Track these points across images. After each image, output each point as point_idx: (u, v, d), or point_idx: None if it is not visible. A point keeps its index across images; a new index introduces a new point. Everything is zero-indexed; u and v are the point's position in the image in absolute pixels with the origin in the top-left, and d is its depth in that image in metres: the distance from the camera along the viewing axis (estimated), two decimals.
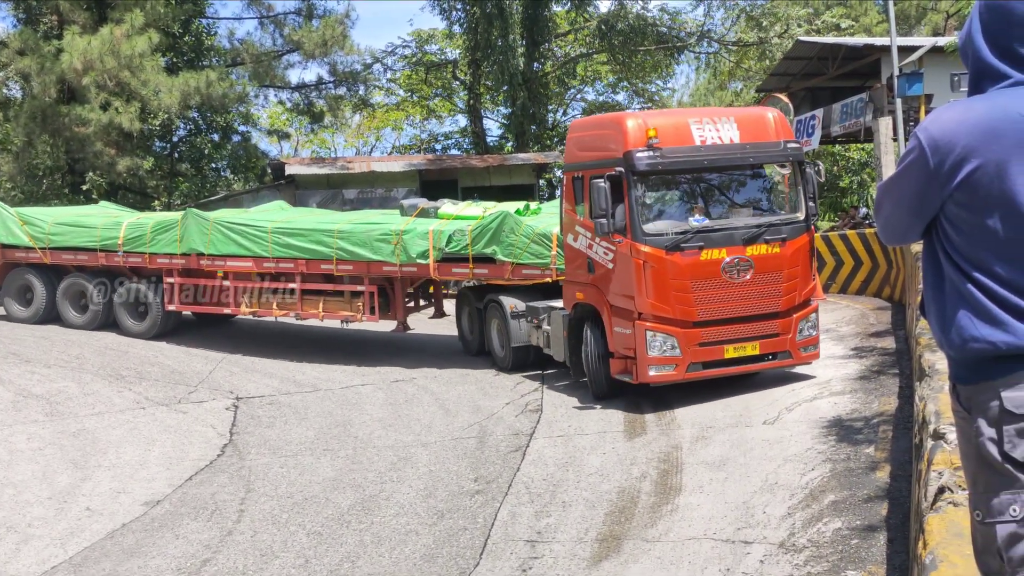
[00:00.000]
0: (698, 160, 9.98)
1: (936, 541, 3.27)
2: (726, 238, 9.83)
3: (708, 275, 9.69)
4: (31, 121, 25.27)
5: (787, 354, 10.05)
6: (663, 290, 9.65)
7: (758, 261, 9.82)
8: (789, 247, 10.00)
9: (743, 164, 10.36)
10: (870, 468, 7.08)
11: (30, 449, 9.77)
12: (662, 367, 9.72)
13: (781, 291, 9.94)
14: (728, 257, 9.71)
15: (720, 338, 9.80)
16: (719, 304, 9.75)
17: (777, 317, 9.94)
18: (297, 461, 9.35)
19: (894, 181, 2.43)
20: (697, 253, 9.68)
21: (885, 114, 21.28)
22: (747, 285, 9.80)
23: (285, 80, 32.30)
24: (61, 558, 7.04)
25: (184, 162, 33.39)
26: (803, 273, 10.12)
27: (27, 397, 11.73)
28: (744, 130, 10.10)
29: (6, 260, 16.62)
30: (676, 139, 9.86)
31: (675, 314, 9.66)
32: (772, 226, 10.01)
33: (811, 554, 5.79)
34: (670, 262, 9.63)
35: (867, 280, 15.93)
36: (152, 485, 8.72)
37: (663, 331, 9.64)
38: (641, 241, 9.68)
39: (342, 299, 14.03)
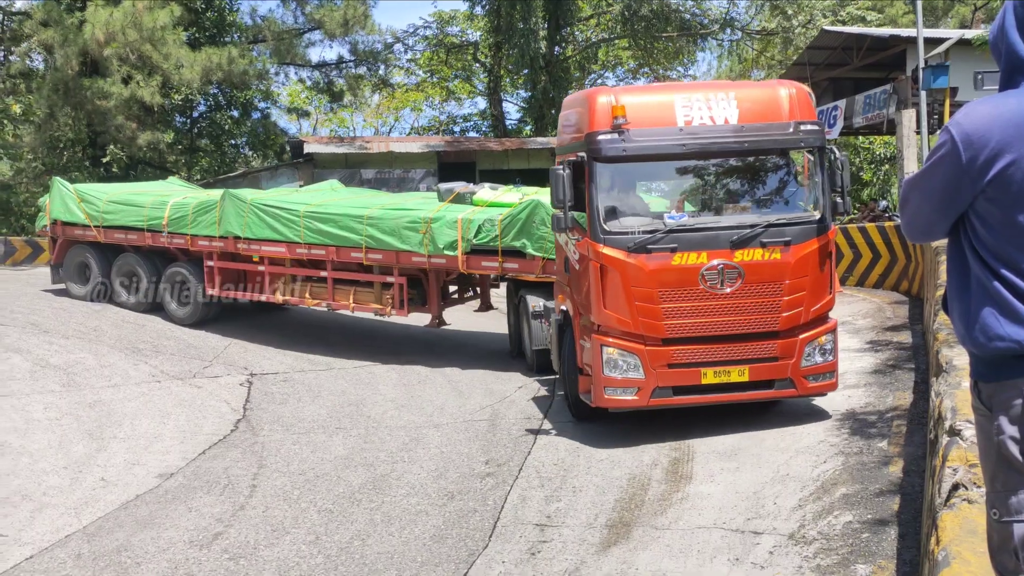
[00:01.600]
0: (674, 145, 8.20)
1: (949, 538, 3.26)
2: (708, 240, 8.15)
3: (682, 283, 8.09)
4: (53, 93, 25.41)
5: (788, 383, 8.30)
6: (624, 299, 8.12)
7: (749, 268, 8.10)
8: (794, 252, 8.18)
9: (736, 151, 8.46)
10: (883, 462, 7.05)
11: (47, 419, 9.86)
12: (621, 390, 8.21)
13: (780, 305, 8.15)
14: (709, 262, 8.06)
15: (696, 359, 8.18)
16: (696, 319, 8.12)
17: (775, 337, 8.23)
18: (310, 439, 9.41)
19: (923, 176, 2.40)
20: (668, 257, 8.07)
21: (909, 106, 21.11)
22: (734, 297, 8.11)
23: (306, 58, 32.33)
24: (75, 527, 7.12)
25: (204, 138, 33.50)
26: (814, 284, 8.29)
27: (44, 367, 11.84)
28: (745, 109, 8.26)
29: (66, 237, 16.41)
30: (653, 119, 8.24)
31: (638, 328, 8.12)
32: (771, 226, 8.21)
33: (821, 546, 5.78)
34: (633, 266, 8.06)
35: (885, 274, 15.84)
36: (166, 458, 8.79)
37: (622, 348, 8.15)
38: (599, 240, 8.18)
39: (372, 290, 12.99)
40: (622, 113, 8.06)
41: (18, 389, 10.89)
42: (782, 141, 8.40)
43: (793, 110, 8.36)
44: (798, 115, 8.35)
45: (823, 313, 8.46)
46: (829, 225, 8.45)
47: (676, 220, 8.33)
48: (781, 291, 8.18)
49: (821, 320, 8.45)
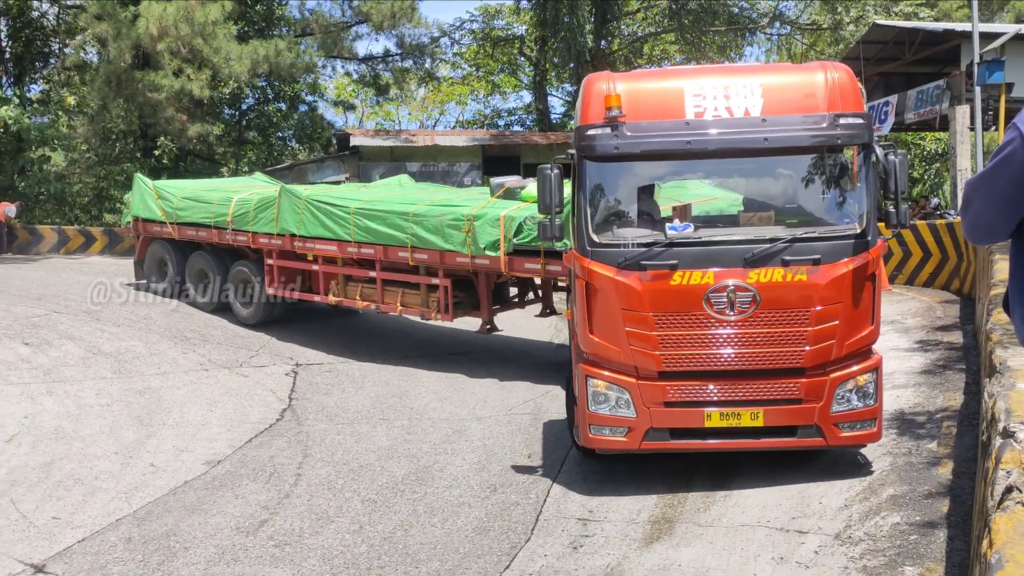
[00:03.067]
0: (678, 143, 6.82)
1: (1003, 540, 3.20)
2: (717, 256, 6.80)
3: (683, 307, 6.78)
4: (106, 85, 25.87)
5: (814, 431, 6.89)
6: (613, 324, 6.91)
7: (767, 292, 6.71)
8: (825, 273, 6.71)
9: (755, 149, 6.91)
10: (932, 463, 6.94)
11: (98, 405, 10.07)
12: (608, 430, 7.08)
13: (806, 337, 6.74)
14: (717, 283, 6.71)
15: (699, 398, 6.90)
16: (699, 350, 6.82)
17: (798, 376, 6.83)
18: (353, 429, 9.49)
19: (988, 176, 2.34)
20: (667, 275, 6.76)
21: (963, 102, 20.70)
22: (746, 326, 6.75)
23: (352, 51, 32.60)
24: (126, 511, 7.27)
25: (252, 130, 33.95)
26: (850, 313, 6.79)
27: (96, 354, 12.09)
28: (772, 99, 6.83)
29: (147, 234, 16.44)
30: (657, 110, 6.90)
31: (629, 358, 6.90)
32: (796, 241, 6.78)
33: (867, 547, 5.71)
34: (624, 285, 6.81)
35: (935, 272, 15.55)
36: (214, 445, 8.93)
37: (611, 380, 6.99)
38: (586, 253, 6.98)
39: (419, 293, 12.14)
40: (617, 103, 6.79)
41: (71, 375, 11.14)
42: (814, 138, 6.79)
43: (833, 99, 6.78)
44: (839, 105, 6.76)
45: (863, 347, 6.93)
46: (873, 240, 6.82)
47: (678, 231, 6.99)
48: (807, 320, 6.71)
49: (860, 356, 6.94)
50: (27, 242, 25.42)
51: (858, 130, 6.79)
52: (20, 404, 9.93)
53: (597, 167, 7.10)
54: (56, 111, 31.27)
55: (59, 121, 30.85)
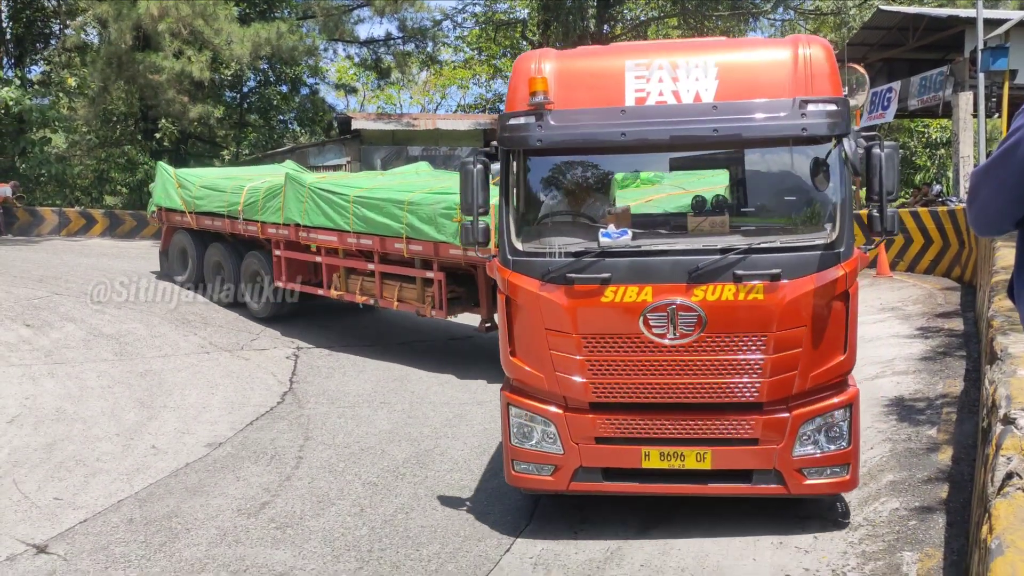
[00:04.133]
0: (611, 134, 5.71)
1: (1003, 526, 3.21)
2: (657, 268, 5.69)
3: (616, 328, 5.73)
4: (107, 67, 25.80)
5: (773, 476, 5.83)
6: (536, 345, 5.92)
7: (715, 312, 5.59)
8: (787, 291, 5.54)
9: (703, 141, 5.78)
10: (931, 450, 6.96)
11: (100, 386, 10.09)
12: (534, 467, 6.15)
13: (762, 366, 5.62)
14: (656, 300, 5.63)
15: (636, 434, 5.89)
16: (635, 378, 5.78)
17: (754, 411, 5.75)
18: (355, 412, 9.51)
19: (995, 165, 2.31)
20: (598, 290, 5.72)
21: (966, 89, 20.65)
22: (691, 351, 5.66)
23: (354, 35, 32.47)
24: (127, 492, 7.29)
25: (253, 113, 33.88)
26: (817, 338, 5.64)
27: (98, 336, 12.10)
28: (728, 80, 5.69)
29: (169, 223, 16.14)
30: (592, 95, 5.83)
31: (555, 386, 5.91)
32: (752, 252, 5.62)
33: (867, 532, 5.74)
34: (547, 301, 5.79)
35: (936, 259, 15.56)
36: (215, 428, 8.95)
37: (535, 411, 6.04)
38: (507, 263, 5.98)
39: (415, 287, 11.37)
40: (542, 88, 5.73)
41: (73, 357, 11.16)
42: (773, 128, 5.58)
43: (802, 81, 5.59)
44: (809, 88, 5.57)
45: (834, 379, 5.77)
46: (848, 252, 5.62)
47: (613, 239, 5.82)
48: (763, 346, 5.58)
49: (831, 389, 5.80)
50: (28, 224, 25.42)
51: (829, 118, 5.48)
52: (21, 385, 9.95)
53: (521, 162, 6.12)
54: (57, 92, 31.21)
55: (60, 102, 30.80)
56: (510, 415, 6.15)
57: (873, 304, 13.01)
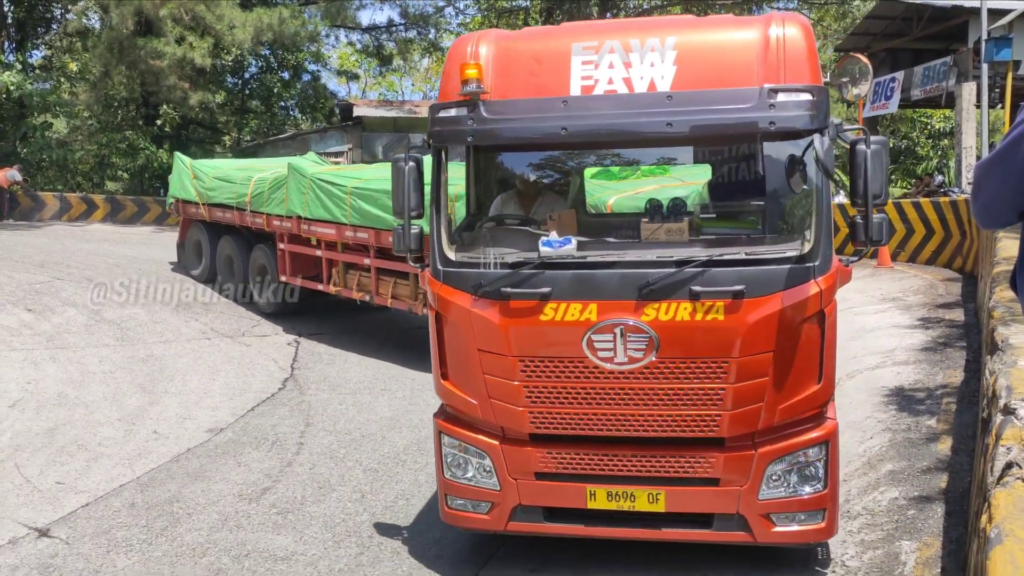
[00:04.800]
0: (550, 128, 4.99)
1: (1002, 516, 3.23)
2: (603, 282, 4.95)
3: (557, 350, 5.00)
4: (108, 52, 25.73)
5: (736, 522, 5.08)
6: (468, 368, 5.22)
7: (669, 333, 4.84)
8: (751, 310, 4.78)
9: (654, 136, 5.05)
10: (930, 439, 6.98)
11: (101, 371, 10.11)
12: (469, 503, 5.44)
13: (723, 397, 4.88)
14: (602, 320, 4.88)
15: (580, 470, 5.19)
16: (580, 407, 5.04)
17: (714, 447, 5.03)
18: (356, 399, 9.53)
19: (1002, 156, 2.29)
20: (537, 307, 4.97)
21: (969, 79, 20.58)
22: (642, 377, 4.92)
23: (356, 21, 32.39)
24: (129, 477, 7.32)
25: (254, 99, 33.80)
26: (786, 364, 4.88)
27: (99, 321, 12.12)
28: (687, 66, 4.91)
29: (185, 215, 15.80)
30: (533, 83, 5.09)
31: (490, 415, 5.20)
32: (711, 265, 4.86)
33: (865, 522, 5.76)
34: (481, 319, 5.08)
35: (938, 250, 15.55)
36: (216, 413, 8.97)
37: (469, 440, 5.35)
38: (437, 274, 5.27)
39: (408, 283, 10.87)
40: (476, 75, 5.01)
41: (74, 342, 11.17)
42: (734, 122, 4.82)
43: (773, 66, 4.81)
44: (781, 75, 4.80)
45: (807, 412, 5.00)
46: (824, 265, 4.82)
47: (554, 248, 5.08)
48: (724, 373, 4.83)
49: (804, 424, 5.03)
50: (29, 209, 25.41)
51: (802, 110, 4.69)
52: (23, 370, 9.97)
53: (447, 158, 5.42)
54: (58, 77, 31.13)
55: (61, 87, 30.73)
56: (442, 445, 5.45)
57: (874, 294, 13.02)
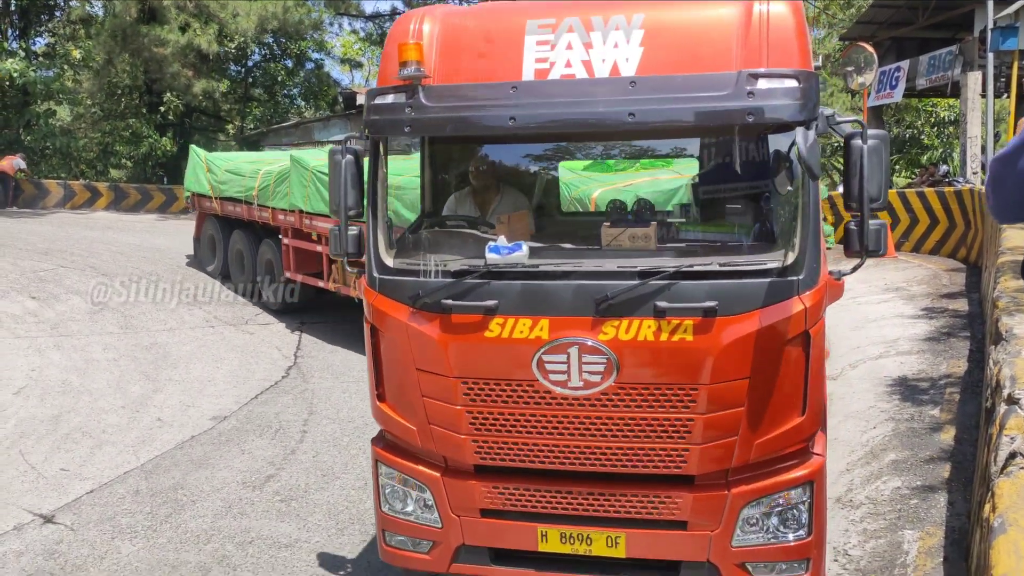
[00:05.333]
0: (497, 118, 4.29)
1: (1006, 505, 3.23)
2: (556, 295, 4.25)
3: (504, 371, 4.31)
4: (111, 39, 25.72)
5: (707, 571, 4.40)
6: (406, 389, 4.57)
7: (629, 354, 4.16)
8: (724, 330, 4.09)
9: (615, 129, 4.37)
10: (934, 429, 6.98)
11: (105, 359, 10.14)
12: (409, 541, 4.81)
13: (691, 428, 4.20)
14: (554, 338, 4.20)
15: (531, 508, 4.51)
16: (530, 437, 4.37)
17: (682, 486, 4.33)
18: (359, 387, 9.55)
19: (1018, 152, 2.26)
20: (482, 322, 4.30)
21: (975, 68, 20.49)
22: (599, 405, 4.24)
23: (360, 9, 32.37)
24: (133, 464, 7.35)
25: (257, 87, 33.77)
26: (765, 392, 4.19)
27: (103, 309, 12.15)
28: (657, 49, 4.20)
29: (201, 209, 15.42)
30: (483, 66, 4.40)
31: (429, 441, 4.54)
32: (679, 277, 4.15)
33: (868, 511, 5.76)
34: (419, 335, 4.41)
35: (942, 240, 15.52)
36: (220, 401, 8.99)
37: (407, 471, 4.72)
38: (373, 283, 4.62)
39: None
40: (415, 56, 4.30)
41: (78, 330, 11.20)
42: (710, 112, 4.09)
43: (755, 49, 4.09)
44: (763, 58, 4.07)
45: (789, 448, 4.30)
46: (810, 278, 4.11)
47: (502, 255, 4.39)
48: (693, 401, 4.15)
49: (786, 461, 4.33)
50: (32, 196, 25.44)
51: (786, 99, 3.98)
52: (28, 357, 10.00)
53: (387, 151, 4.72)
54: (61, 65, 31.11)
55: (64, 75, 30.72)
56: (379, 475, 4.85)
57: (878, 284, 13.00)
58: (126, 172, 30.74)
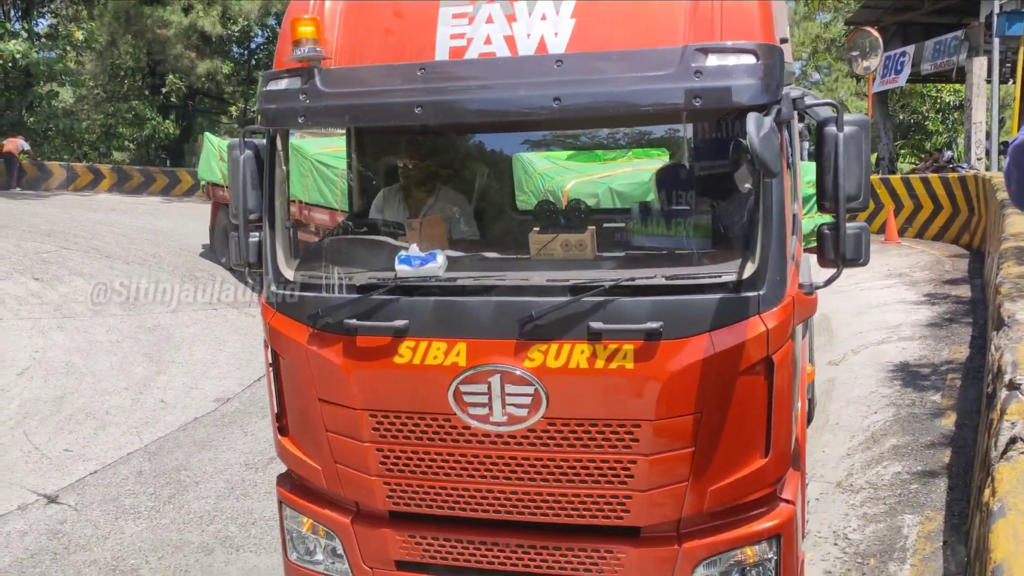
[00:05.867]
0: (401, 106, 3.59)
1: (1006, 489, 3.24)
2: (474, 314, 3.60)
3: (417, 404, 3.69)
4: (115, 20, 25.65)
5: None
6: (309, 422, 3.93)
7: (558, 385, 3.50)
8: (670, 356, 3.41)
9: (537, 117, 3.57)
10: (935, 415, 6.99)
11: (108, 341, 10.16)
12: None
13: (636, 473, 3.53)
14: (472, 365, 3.56)
15: (452, 560, 3.89)
16: (449, 479, 3.74)
17: (624, 539, 3.68)
18: None
19: None
20: (391, 345, 3.65)
21: (980, 54, 20.41)
22: (526, 444, 3.60)
23: None
24: (137, 445, 7.38)
25: (261, 69, 33.65)
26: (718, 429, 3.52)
27: (106, 291, 12.17)
28: (592, 21, 3.51)
29: (215, 198, 15.09)
30: (390, 44, 3.75)
31: (336, 483, 3.91)
32: (618, 292, 3.45)
33: (868, 495, 5.78)
34: (320, 360, 3.77)
35: (945, 226, 15.50)
36: (223, 383, 9.02)
37: (314, 516, 4.07)
38: (270, 299, 3.97)
39: None
40: (312, 34, 3.66)
41: (81, 311, 11.22)
42: (650, 94, 3.37)
43: (706, 19, 3.41)
44: (716, 29, 3.39)
45: (753, 495, 3.64)
46: (772, 294, 3.45)
47: (413, 267, 3.72)
48: (636, 440, 3.49)
49: (751, 510, 3.67)
50: (36, 178, 25.43)
51: (739, 78, 3.29)
52: (31, 339, 10.03)
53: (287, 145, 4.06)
54: (64, 46, 31.05)
55: (67, 56, 30.66)
56: (284, 518, 4.24)
57: (880, 270, 12.99)
58: (129, 154, 30.72)
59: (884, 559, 4.98)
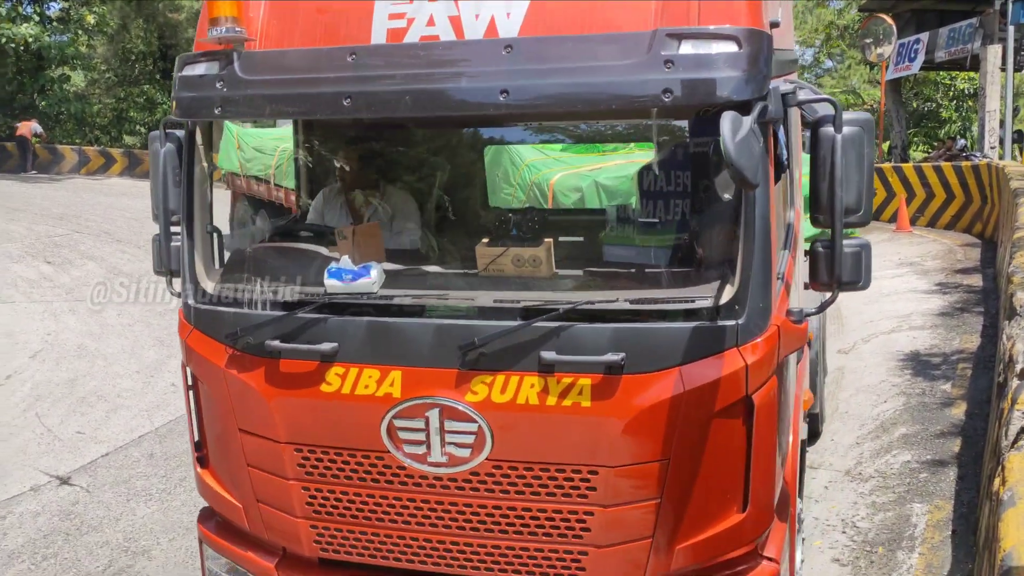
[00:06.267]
0: (328, 97, 3.08)
1: (1016, 479, 3.24)
2: (411, 338, 3.12)
3: (347, 438, 3.25)
4: (126, 4, 25.70)
5: None
6: (229, 454, 3.54)
7: (504, 422, 3.05)
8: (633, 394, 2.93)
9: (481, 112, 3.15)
10: (945, 404, 6.98)
11: (120, 324, 10.21)
12: None
13: (593, 526, 3.06)
14: (409, 397, 3.10)
15: None
16: (382, 525, 3.31)
17: None
18: None
19: None
20: (318, 371, 3.20)
21: (995, 42, 20.24)
22: (468, 489, 3.15)
23: None
24: (147, 428, 7.42)
25: None
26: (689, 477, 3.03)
27: (118, 275, 12.23)
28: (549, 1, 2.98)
29: (233, 188, 13.94)
30: (321, 26, 3.22)
31: (258, 525, 3.52)
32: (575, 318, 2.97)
33: (877, 484, 5.78)
34: (240, 384, 3.34)
35: (958, 215, 15.42)
36: None
37: (236, 559, 3.64)
38: (187, 314, 3.53)
39: None
40: (230, 11, 3.16)
41: (93, 294, 11.29)
42: (612, 87, 2.83)
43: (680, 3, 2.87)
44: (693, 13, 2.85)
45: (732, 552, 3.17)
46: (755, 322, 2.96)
47: (344, 282, 3.28)
48: (593, 489, 3.05)
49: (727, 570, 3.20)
50: (48, 162, 25.53)
51: (717, 70, 2.78)
52: (43, 322, 10.09)
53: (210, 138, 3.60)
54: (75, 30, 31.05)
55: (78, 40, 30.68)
56: (204, 559, 3.84)
57: (892, 259, 12.95)
58: (140, 139, 30.77)
59: (893, 547, 4.98)
